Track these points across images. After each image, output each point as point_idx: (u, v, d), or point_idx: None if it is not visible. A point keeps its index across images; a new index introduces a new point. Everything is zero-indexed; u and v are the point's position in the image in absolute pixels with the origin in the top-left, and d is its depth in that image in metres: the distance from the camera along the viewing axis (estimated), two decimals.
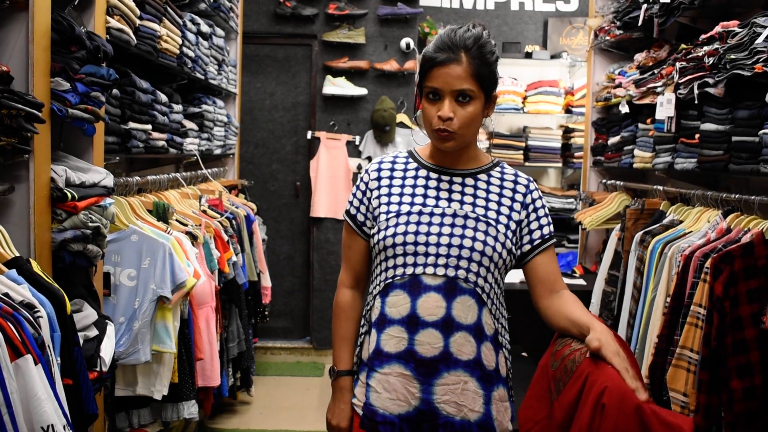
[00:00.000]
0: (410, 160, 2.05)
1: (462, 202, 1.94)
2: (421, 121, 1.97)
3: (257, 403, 4.79)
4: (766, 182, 2.77)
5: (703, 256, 2.65)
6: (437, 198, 1.95)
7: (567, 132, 6.02)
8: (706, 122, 3.00)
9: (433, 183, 1.98)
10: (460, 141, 1.90)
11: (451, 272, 1.87)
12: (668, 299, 2.82)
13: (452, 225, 1.90)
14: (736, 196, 2.86)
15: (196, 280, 3.10)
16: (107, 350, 2.31)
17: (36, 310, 1.80)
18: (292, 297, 6.05)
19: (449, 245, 1.88)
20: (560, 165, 6.06)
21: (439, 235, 1.89)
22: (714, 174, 3.27)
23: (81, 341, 2.15)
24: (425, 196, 1.96)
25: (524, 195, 1.98)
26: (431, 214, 1.92)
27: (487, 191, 1.97)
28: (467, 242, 1.88)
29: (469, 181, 1.98)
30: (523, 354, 4.13)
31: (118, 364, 2.85)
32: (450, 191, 1.96)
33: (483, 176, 1.99)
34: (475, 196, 1.95)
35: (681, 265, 2.76)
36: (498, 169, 2.02)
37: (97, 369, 2.25)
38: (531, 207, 1.98)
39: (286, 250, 6.02)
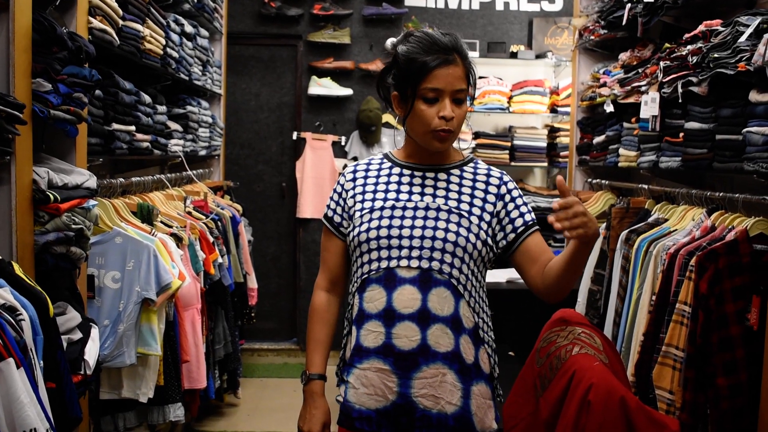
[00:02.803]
0: (385, 161, 2.08)
1: (435, 196, 1.96)
2: (408, 126, 1.97)
3: (244, 405, 4.77)
4: (749, 180, 2.78)
5: (687, 254, 2.66)
6: (410, 192, 1.97)
7: (552, 131, 6.04)
8: (690, 121, 3.01)
9: (406, 179, 2.00)
10: (452, 140, 1.95)
11: (425, 264, 1.88)
12: (654, 297, 2.83)
13: (425, 218, 1.92)
14: (720, 194, 2.87)
15: (181, 282, 3.08)
16: (91, 353, 2.29)
17: (18, 313, 1.78)
18: (279, 298, 6.03)
19: (422, 237, 1.90)
20: (546, 164, 6.07)
21: (412, 227, 1.91)
22: (698, 172, 3.29)
23: (65, 344, 2.13)
24: (398, 191, 1.98)
25: (498, 187, 2.00)
26: (404, 208, 1.94)
27: (460, 185, 1.99)
28: (440, 233, 1.90)
29: (442, 175, 2.00)
30: (510, 353, 4.13)
31: (103, 368, 2.83)
32: (423, 186, 1.98)
33: (456, 171, 2.01)
34: (447, 189, 1.97)
35: (666, 263, 2.77)
36: (471, 164, 2.05)
37: (81, 372, 2.23)
38: (507, 197, 2.00)
39: (272, 252, 6.01)
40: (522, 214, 2.00)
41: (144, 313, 2.93)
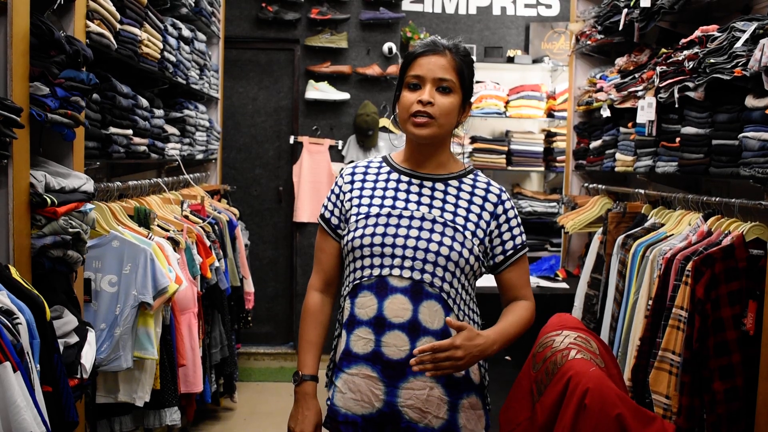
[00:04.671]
0: (384, 164, 2.07)
1: (431, 206, 1.95)
2: (397, 121, 1.99)
3: (240, 409, 4.76)
4: (745, 185, 2.79)
5: (684, 259, 2.67)
6: (407, 201, 1.96)
7: (549, 136, 6.05)
8: (686, 126, 3.02)
9: (403, 186, 1.99)
10: (435, 130, 1.92)
11: (416, 275, 1.88)
12: (650, 302, 2.83)
13: (420, 228, 1.92)
14: (717, 199, 2.88)
15: (177, 285, 3.08)
16: (88, 357, 2.29)
17: (15, 316, 1.78)
18: (275, 302, 6.03)
19: (415, 248, 1.89)
20: (543, 169, 6.09)
21: (407, 237, 1.91)
22: (695, 177, 3.29)
23: (61, 348, 2.12)
24: (395, 198, 1.97)
25: (495, 205, 1.99)
26: (399, 217, 1.93)
27: (457, 197, 1.98)
28: (433, 246, 1.89)
29: (440, 186, 1.99)
30: (507, 358, 4.14)
31: (100, 371, 2.83)
32: (420, 195, 1.97)
33: (454, 182, 2.00)
34: (444, 201, 1.96)
35: (662, 268, 2.77)
36: (471, 176, 2.03)
37: (78, 376, 2.23)
38: (503, 218, 1.99)
39: (269, 255, 6.00)
40: (513, 237, 2.00)
41: (141, 317, 2.93)
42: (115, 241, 2.95)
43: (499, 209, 1.99)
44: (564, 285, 4.36)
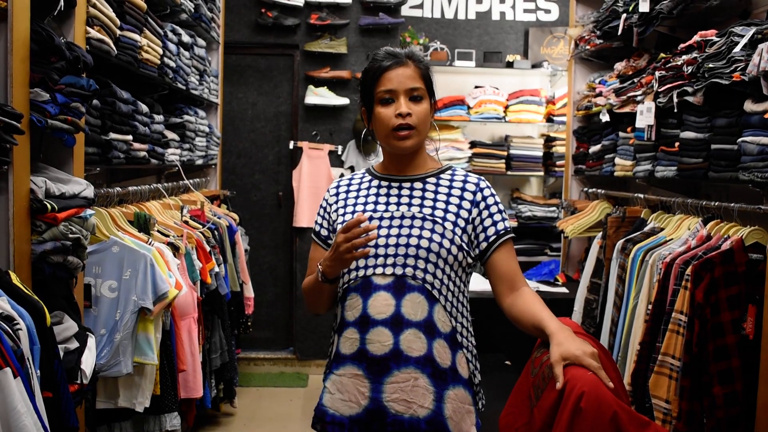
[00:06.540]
0: (366, 174, 2.14)
1: (410, 205, 2.00)
2: (375, 133, 2.04)
3: (240, 415, 4.76)
4: (745, 189, 2.79)
5: (683, 264, 2.67)
6: (387, 203, 2.02)
7: (548, 141, 6.06)
8: (685, 130, 3.02)
9: (383, 191, 2.06)
10: (417, 138, 1.98)
11: (399, 270, 1.92)
12: (650, 306, 2.83)
13: (400, 226, 1.96)
14: (716, 204, 2.88)
15: (177, 291, 3.08)
16: (88, 362, 2.29)
17: (15, 322, 1.78)
18: (275, 307, 6.03)
19: (397, 245, 1.94)
20: (542, 173, 6.09)
21: (388, 236, 1.95)
22: (694, 182, 3.30)
23: (61, 353, 2.13)
24: (376, 203, 2.03)
25: (474, 193, 2.02)
26: (380, 219, 1.99)
27: (436, 192, 2.02)
28: (413, 240, 1.94)
29: (418, 185, 2.04)
30: (507, 362, 4.13)
31: (100, 377, 2.83)
32: (399, 196, 2.03)
33: (432, 179, 2.05)
34: (423, 198, 2.01)
35: (662, 272, 2.77)
36: (449, 172, 2.08)
37: (78, 381, 2.23)
38: (482, 204, 2.01)
39: (268, 261, 6.00)
40: (495, 223, 2.01)
41: (141, 323, 2.93)
42: (115, 247, 2.96)
43: (479, 196, 2.02)
44: (564, 290, 4.36)
